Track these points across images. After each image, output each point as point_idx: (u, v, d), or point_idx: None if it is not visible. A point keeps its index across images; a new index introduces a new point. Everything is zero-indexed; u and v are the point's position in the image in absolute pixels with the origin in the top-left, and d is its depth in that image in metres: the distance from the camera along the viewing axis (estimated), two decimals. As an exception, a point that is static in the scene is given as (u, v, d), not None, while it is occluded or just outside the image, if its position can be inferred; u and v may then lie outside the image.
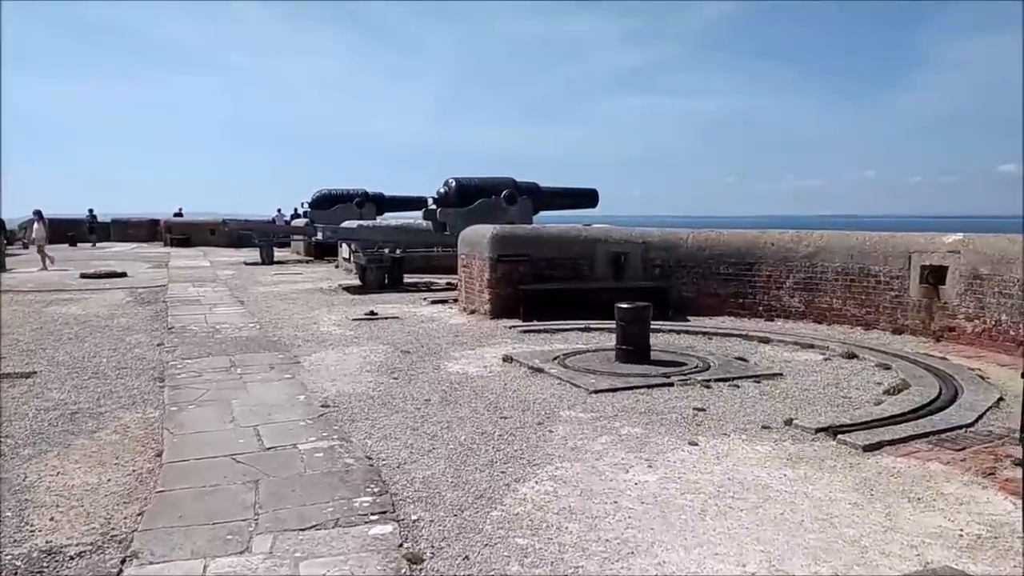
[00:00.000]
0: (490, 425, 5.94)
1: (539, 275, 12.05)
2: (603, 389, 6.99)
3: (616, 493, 4.51)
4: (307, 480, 4.67)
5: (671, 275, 12.02)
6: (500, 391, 7.10)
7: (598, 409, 6.41)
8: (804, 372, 7.92)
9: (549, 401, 6.70)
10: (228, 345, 9.65)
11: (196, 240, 36.73)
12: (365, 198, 26.37)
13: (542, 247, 12.10)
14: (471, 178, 17.62)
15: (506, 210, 17.19)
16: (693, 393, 6.96)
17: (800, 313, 11.20)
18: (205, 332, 10.70)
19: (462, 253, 13.09)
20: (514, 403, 6.65)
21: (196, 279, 19.21)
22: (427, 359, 8.77)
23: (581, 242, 12.16)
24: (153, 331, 11.00)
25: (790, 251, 11.28)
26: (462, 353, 9.14)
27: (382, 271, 16.92)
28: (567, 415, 6.23)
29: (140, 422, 6.26)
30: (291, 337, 10.34)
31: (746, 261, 11.61)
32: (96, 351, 9.42)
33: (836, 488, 4.62)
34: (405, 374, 7.96)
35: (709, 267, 11.83)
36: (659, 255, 12.09)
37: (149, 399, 7.02)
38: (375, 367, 8.33)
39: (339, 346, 9.65)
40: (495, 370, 8.13)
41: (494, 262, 11.88)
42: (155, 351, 9.40)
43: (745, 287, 11.63)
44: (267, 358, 8.80)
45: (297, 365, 8.40)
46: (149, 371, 8.22)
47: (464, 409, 6.45)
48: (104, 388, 7.44)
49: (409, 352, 9.19)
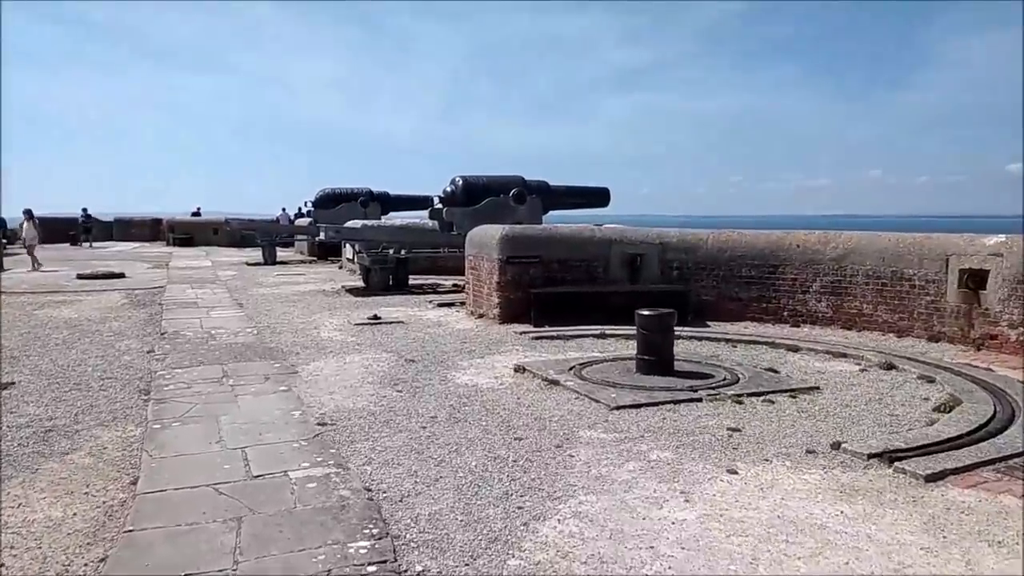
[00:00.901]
0: (503, 448, 5.36)
1: (550, 278, 11.47)
2: (625, 405, 6.39)
3: (652, 535, 3.91)
4: (297, 518, 4.08)
5: (690, 278, 11.41)
6: (512, 407, 6.51)
7: (622, 428, 5.82)
8: (841, 385, 7.31)
9: (567, 419, 6.11)
10: (222, 353, 9.08)
11: (199, 240, 36.23)
12: (369, 197, 25.82)
13: (554, 248, 11.51)
14: (479, 176, 17.05)
15: (515, 209, 16.62)
16: (724, 410, 6.37)
17: (828, 319, 10.58)
18: (199, 338, 10.13)
19: (470, 254, 12.51)
20: (528, 421, 6.06)
21: (195, 280, 18.67)
22: (433, 369, 8.19)
23: (595, 243, 11.56)
24: (145, 336, 10.45)
25: (817, 253, 10.66)
26: (470, 362, 8.56)
27: (386, 272, 16.35)
28: (588, 436, 5.64)
29: (118, 442, 5.69)
30: (289, 344, 9.77)
31: (769, 263, 11.00)
32: (82, 359, 8.87)
33: (902, 529, 4.02)
34: (409, 386, 7.38)
35: (730, 269, 11.23)
36: (677, 257, 11.49)
37: (131, 414, 6.45)
38: (377, 378, 7.75)
39: (340, 354, 9.08)
40: (506, 382, 7.55)
41: (503, 264, 11.30)
42: (144, 359, 8.84)
43: (768, 291, 11.02)
44: (262, 367, 8.23)
45: (294, 375, 7.83)
46: (135, 382, 7.66)
47: (474, 428, 5.86)
48: (84, 401, 6.88)
49: (414, 361, 8.61)
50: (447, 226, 17.02)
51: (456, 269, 18.69)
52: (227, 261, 25.69)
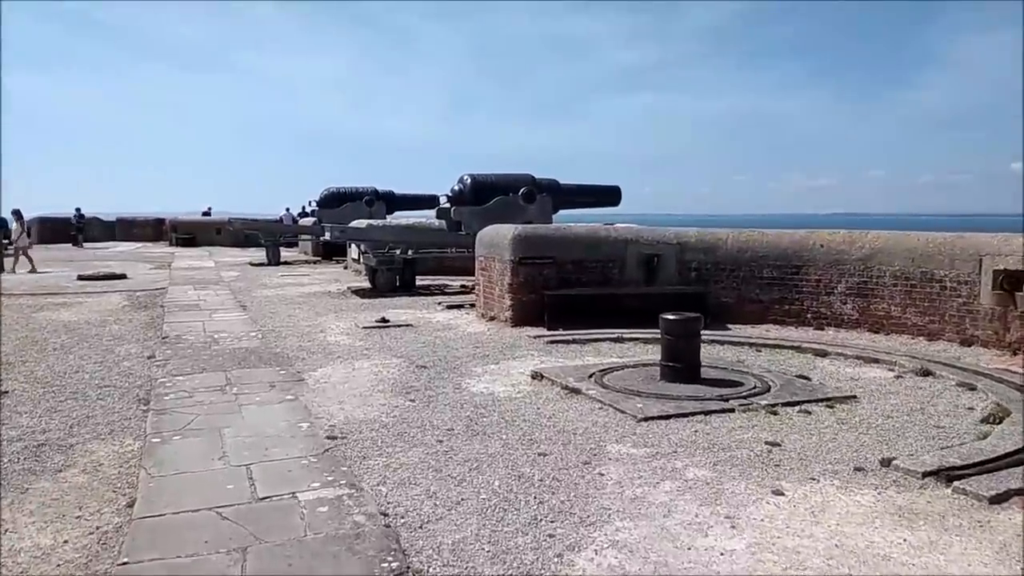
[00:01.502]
0: (527, 465, 4.99)
1: (564, 279, 11.09)
2: (654, 416, 6.02)
3: (700, 568, 3.54)
4: (308, 548, 3.71)
5: (708, 279, 11.03)
6: (533, 418, 6.14)
7: (652, 442, 5.45)
8: (879, 394, 6.93)
9: (592, 431, 5.74)
10: (225, 358, 8.72)
11: (202, 240, 35.88)
12: (375, 196, 25.49)
13: (568, 249, 11.13)
14: (487, 175, 16.69)
15: (524, 208, 16.26)
16: (759, 421, 5.99)
17: (853, 322, 10.19)
18: (201, 343, 9.78)
19: (480, 255, 12.13)
20: (552, 434, 5.69)
21: (198, 281, 18.32)
22: (446, 375, 7.82)
23: (610, 243, 11.18)
24: (146, 340, 10.09)
25: (842, 253, 10.27)
26: (485, 368, 8.19)
27: (393, 273, 15.99)
28: (617, 451, 5.27)
29: (115, 457, 5.33)
30: (295, 348, 9.40)
31: (792, 264, 10.61)
32: (80, 365, 8.51)
33: (975, 559, 3.65)
34: (422, 395, 7.01)
35: (751, 270, 10.84)
36: (695, 257, 11.10)
37: (130, 426, 6.09)
38: (388, 385, 7.39)
39: (348, 359, 8.71)
40: (524, 390, 7.17)
41: (515, 265, 10.93)
42: (144, 365, 8.48)
43: (791, 292, 10.63)
44: (267, 374, 7.87)
45: (301, 383, 7.47)
46: (135, 390, 7.30)
47: (494, 442, 5.49)
48: (81, 412, 6.52)
49: (426, 367, 8.25)
50: (455, 226, 16.66)
51: (463, 269, 18.31)
52: (230, 262, 25.35)
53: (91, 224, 40.18)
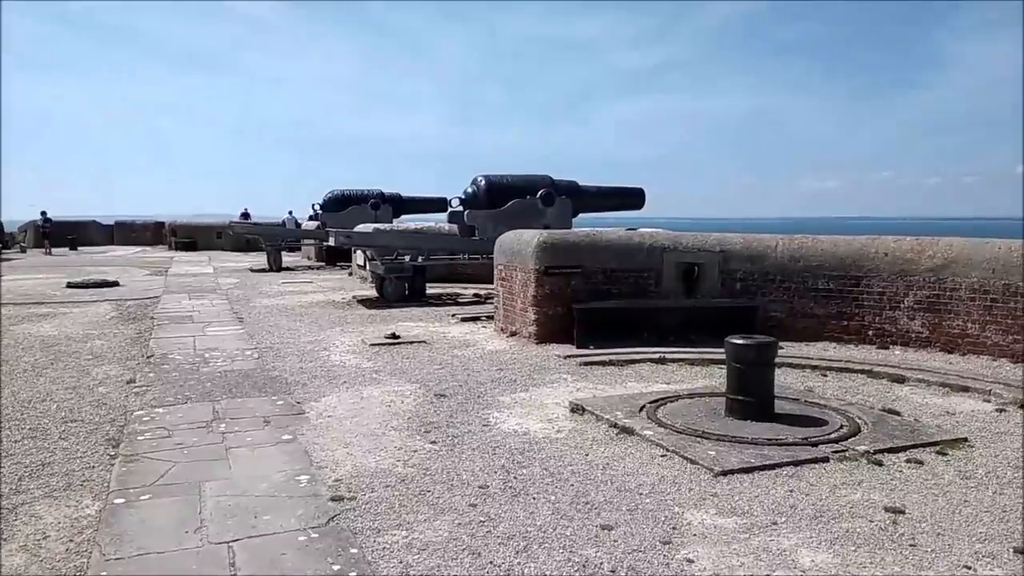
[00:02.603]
0: (590, 544, 3.87)
1: (594, 291, 9.98)
2: (734, 469, 4.90)
3: None
4: None
5: (755, 291, 9.90)
6: (583, 470, 5.03)
7: (741, 508, 4.33)
8: (990, 434, 5.80)
9: (661, 490, 4.62)
10: (215, 384, 7.62)
11: (202, 244, 34.84)
12: (381, 199, 24.42)
13: (598, 257, 10.02)
14: (503, 176, 15.61)
15: (542, 212, 15.18)
16: (864, 475, 4.87)
17: (923, 340, 9.05)
18: (190, 364, 8.67)
19: (500, 264, 11.02)
20: (611, 494, 4.57)
21: (194, 289, 17.23)
22: (469, 407, 6.72)
23: (645, 251, 10.06)
24: (128, 360, 8.99)
25: (909, 263, 9.14)
26: (513, 397, 7.08)
27: (402, 282, 14.87)
28: (700, 522, 4.15)
29: (65, 527, 4.23)
30: (295, 371, 8.30)
31: (851, 275, 9.48)
32: (49, 391, 7.42)
33: None
34: (444, 434, 5.90)
35: (804, 281, 9.71)
36: (741, 267, 9.97)
37: (91, 477, 4.99)
38: (403, 420, 6.28)
39: (355, 385, 7.61)
40: (564, 427, 6.06)
41: (540, 275, 9.82)
42: (122, 392, 7.38)
43: (850, 306, 9.50)
44: (262, 406, 6.76)
45: (300, 418, 6.36)
46: (105, 426, 6.20)
47: (542, 507, 4.38)
48: (37, 457, 5.42)
49: (444, 395, 7.14)
50: (468, 230, 15.58)
51: (475, 277, 17.22)
52: (230, 267, 24.27)
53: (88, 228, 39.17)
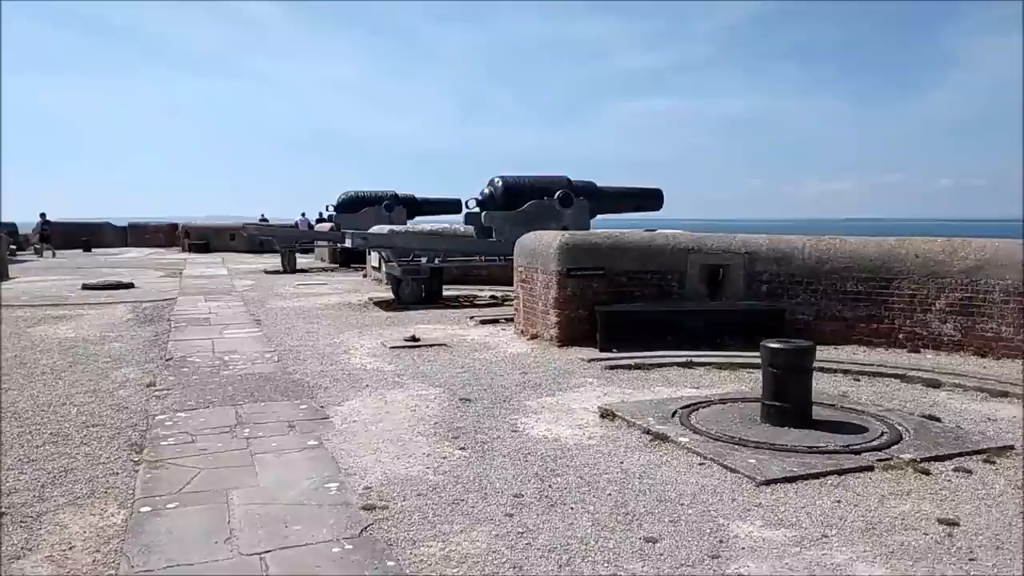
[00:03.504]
0: (635, 557, 3.72)
1: (617, 293, 9.83)
2: (777, 478, 4.74)
3: None
4: None
5: (782, 294, 9.73)
6: (620, 478, 4.88)
7: (788, 519, 4.17)
8: (1037, 442, 5.62)
9: (703, 500, 4.47)
10: (236, 388, 7.51)
11: (215, 245, 34.89)
12: (395, 201, 24.32)
13: (621, 259, 9.87)
14: (520, 177, 15.46)
15: (560, 213, 15.01)
16: (912, 484, 4.70)
17: (955, 343, 8.86)
18: (210, 366, 8.57)
19: (520, 265, 10.88)
20: (651, 504, 4.42)
21: (209, 291, 17.17)
22: (496, 411, 6.58)
23: (669, 253, 9.90)
24: (147, 363, 8.90)
25: (941, 264, 8.95)
26: (540, 402, 6.94)
27: (419, 284, 14.74)
28: (747, 534, 3.99)
29: (92, 535, 4.11)
30: (316, 374, 8.19)
31: (881, 276, 9.29)
32: (69, 395, 7.33)
33: None
34: (473, 439, 5.77)
35: (832, 284, 9.53)
36: (767, 268, 9.80)
37: (115, 484, 4.87)
38: (430, 426, 6.15)
39: (378, 389, 7.48)
40: (595, 433, 5.91)
41: (563, 277, 9.68)
42: (143, 395, 7.28)
43: (879, 309, 9.31)
44: (285, 410, 6.65)
45: (325, 423, 6.24)
46: (127, 430, 6.09)
47: (580, 517, 4.23)
48: (58, 463, 5.31)
49: (470, 400, 7.00)
50: (484, 231, 15.43)
51: (491, 279, 17.09)
52: (244, 268, 24.23)
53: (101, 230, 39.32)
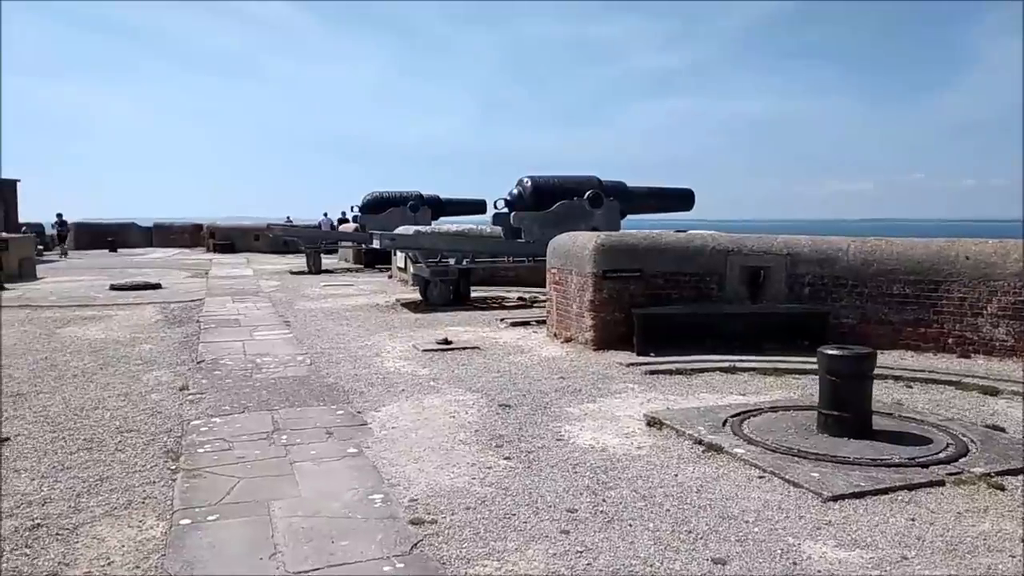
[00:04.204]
0: (704, 580, 3.51)
1: (654, 295, 9.59)
2: (844, 494, 4.50)
3: None
4: None
5: (825, 296, 9.44)
6: (676, 492, 4.65)
7: (862, 539, 3.93)
8: (1114, 455, 5.33)
9: (767, 516, 4.24)
10: (270, 392, 7.37)
11: (240, 246, 35.00)
12: (420, 201, 24.17)
13: (657, 260, 9.62)
14: (549, 177, 15.26)
15: (590, 214, 14.79)
16: (988, 501, 4.44)
17: (1007, 349, 8.53)
18: (242, 370, 8.44)
19: (553, 267, 10.67)
20: (714, 520, 4.20)
21: (237, 292, 17.12)
22: (538, 419, 6.38)
23: (708, 254, 9.65)
24: (179, 365, 8.79)
25: (993, 266, 8.63)
26: (581, 408, 6.73)
27: (447, 285, 14.58)
28: (820, 555, 3.76)
29: (131, 549, 3.96)
30: (350, 378, 8.03)
31: (929, 279, 8.98)
32: (101, 398, 7.22)
33: None
34: (517, 448, 5.57)
35: (877, 286, 9.23)
36: (809, 270, 9.51)
37: (153, 494, 4.73)
38: (471, 433, 5.96)
39: (414, 394, 7.31)
40: (643, 443, 5.69)
41: (598, 279, 9.45)
42: (176, 399, 7.16)
43: (927, 313, 9.00)
44: (322, 416, 6.49)
45: (364, 429, 6.07)
46: (162, 436, 5.96)
47: (641, 536, 4.02)
48: (93, 471, 5.18)
49: (509, 406, 6.81)
50: (513, 232, 15.23)
51: (518, 280, 16.88)
52: (269, 269, 24.22)
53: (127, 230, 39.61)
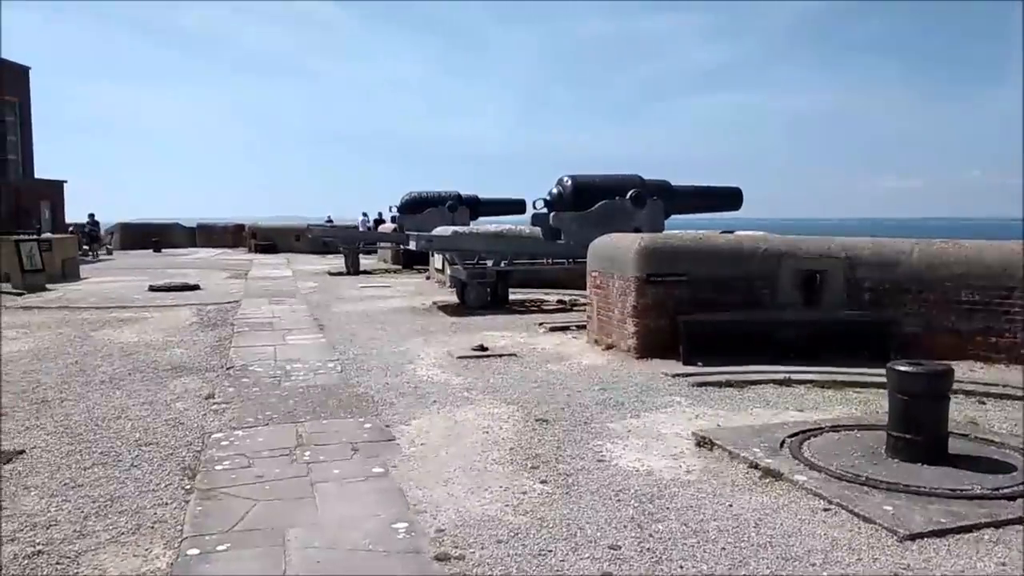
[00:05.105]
0: (768, 640, 3.05)
1: (701, 301, 9.06)
2: (922, 532, 3.98)
3: None
4: None
5: (887, 303, 8.83)
6: (731, 526, 4.18)
7: (949, 590, 3.44)
8: None
9: (837, 558, 3.75)
10: (297, 402, 7.06)
11: (281, 246, 35.21)
12: (458, 201, 23.85)
13: (705, 263, 9.11)
14: (590, 176, 14.78)
15: (633, 214, 14.26)
16: (1093, 546, 3.89)
17: (1090, 360, 7.86)
18: (271, 377, 8.16)
19: (594, 270, 10.22)
20: (775, 563, 3.72)
21: (274, 293, 16.98)
22: (577, 435, 5.94)
23: (759, 257, 9.10)
24: (207, 371, 8.55)
25: (1074, 272, 7.96)
26: (624, 424, 6.28)
27: (485, 287, 14.21)
28: (902, 610, 3.27)
29: (132, 583, 3.64)
30: (380, 387, 7.68)
31: (1002, 285, 8.32)
32: (124, 407, 6.98)
33: None
34: (554, 470, 5.14)
35: (944, 292, 8.59)
36: (869, 275, 8.91)
37: (163, 518, 4.41)
38: (505, 452, 5.55)
39: (446, 405, 6.93)
40: (693, 465, 5.22)
41: (642, 283, 8.98)
42: (200, 408, 6.89)
43: (999, 321, 8.35)
44: (349, 429, 6.14)
45: (391, 446, 5.70)
46: (181, 450, 5.67)
47: (694, 580, 3.57)
48: (105, 489, 4.89)
49: (547, 421, 6.38)
50: (552, 233, 14.78)
51: (557, 282, 16.43)
52: (309, 270, 24.15)
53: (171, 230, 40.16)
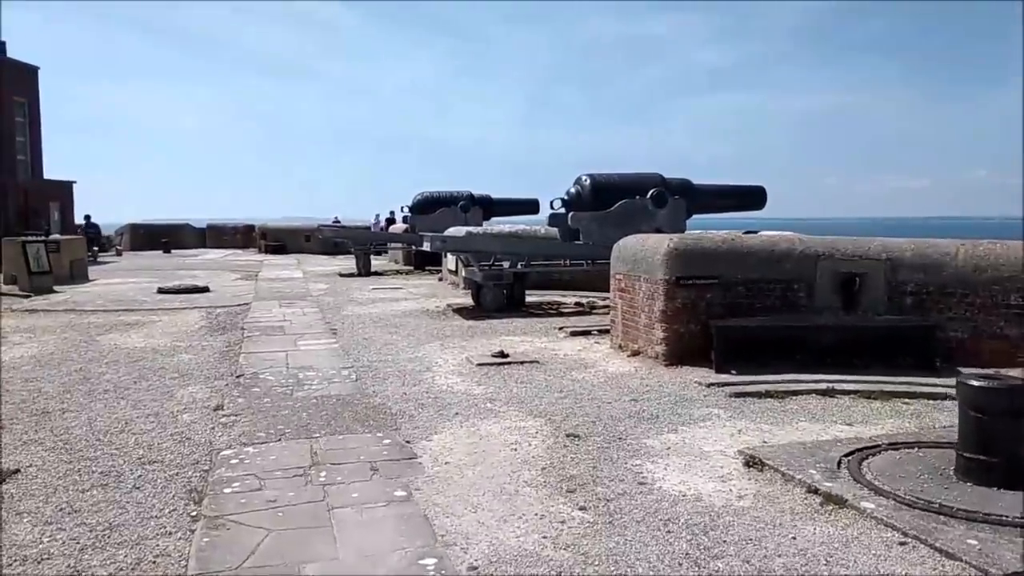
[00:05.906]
0: None
1: (733, 305, 8.62)
2: (1017, 572, 3.54)
3: None
4: None
5: (931, 307, 8.36)
6: (799, 564, 3.73)
7: (1063, 647, 2.99)
8: None
9: (925, 605, 3.31)
10: (311, 414, 6.64)
11: (291, 247, 34.88)
12: (471, 201, 23.46)
13: (738, 265, 8.66)
14: (609, 175, 14.32)
15: (654, 213, 13.80)
16: None
17: None
18: (283, 386, 7.75)
19: (619, 272, 9.78)
20: (855, 609, 3.29)
21: (284, 295, 16.60)
22: (612, 453, 5.51)
23: (795, 258, 8.64)
24: (216, 379, 8.16)
25: None
26: (662, 440, 5.83)
27: (501, 290, 13.79)
28: (1016, 673, 2.83)
29: (130, 632, 3.23)
30: (398, 397, 7.27)
31: (1056, 288, 7.86)
32: (129, 419, 6.59)
33: None
34: (593, 494, 4.71)
35: (991, 296, 8.12)
36: (911, 278, 8.44)
37: (166, 551, 4.00)
38: (537, 472, 5.12)
39: (469, 418, 6.51)
40: (744, 489, 4.78)
41: (671, 286, 8.53)
42: (208, 421, 6.49)
43: (1053, 327, 7.88)
44: (366, 446, 5.72)
45: (413, 465, 5.28)
46: (187, 469, 5.26)
47: (766, 632, 3.13)
48: (105, 515, 4.48)
49: (578, 436, 5.94)
50: (571, 234, 14.33)
51: (574, 284, 16.02)
52: (319, 271, 23.77)
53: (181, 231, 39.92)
